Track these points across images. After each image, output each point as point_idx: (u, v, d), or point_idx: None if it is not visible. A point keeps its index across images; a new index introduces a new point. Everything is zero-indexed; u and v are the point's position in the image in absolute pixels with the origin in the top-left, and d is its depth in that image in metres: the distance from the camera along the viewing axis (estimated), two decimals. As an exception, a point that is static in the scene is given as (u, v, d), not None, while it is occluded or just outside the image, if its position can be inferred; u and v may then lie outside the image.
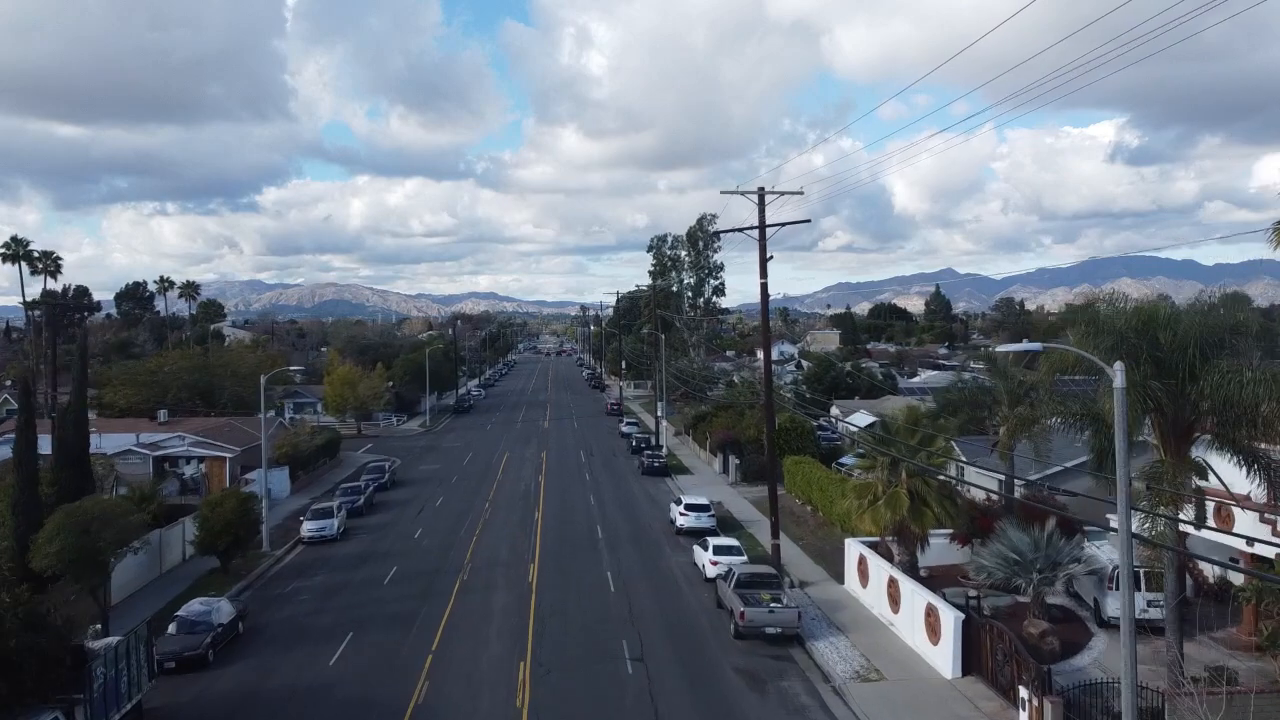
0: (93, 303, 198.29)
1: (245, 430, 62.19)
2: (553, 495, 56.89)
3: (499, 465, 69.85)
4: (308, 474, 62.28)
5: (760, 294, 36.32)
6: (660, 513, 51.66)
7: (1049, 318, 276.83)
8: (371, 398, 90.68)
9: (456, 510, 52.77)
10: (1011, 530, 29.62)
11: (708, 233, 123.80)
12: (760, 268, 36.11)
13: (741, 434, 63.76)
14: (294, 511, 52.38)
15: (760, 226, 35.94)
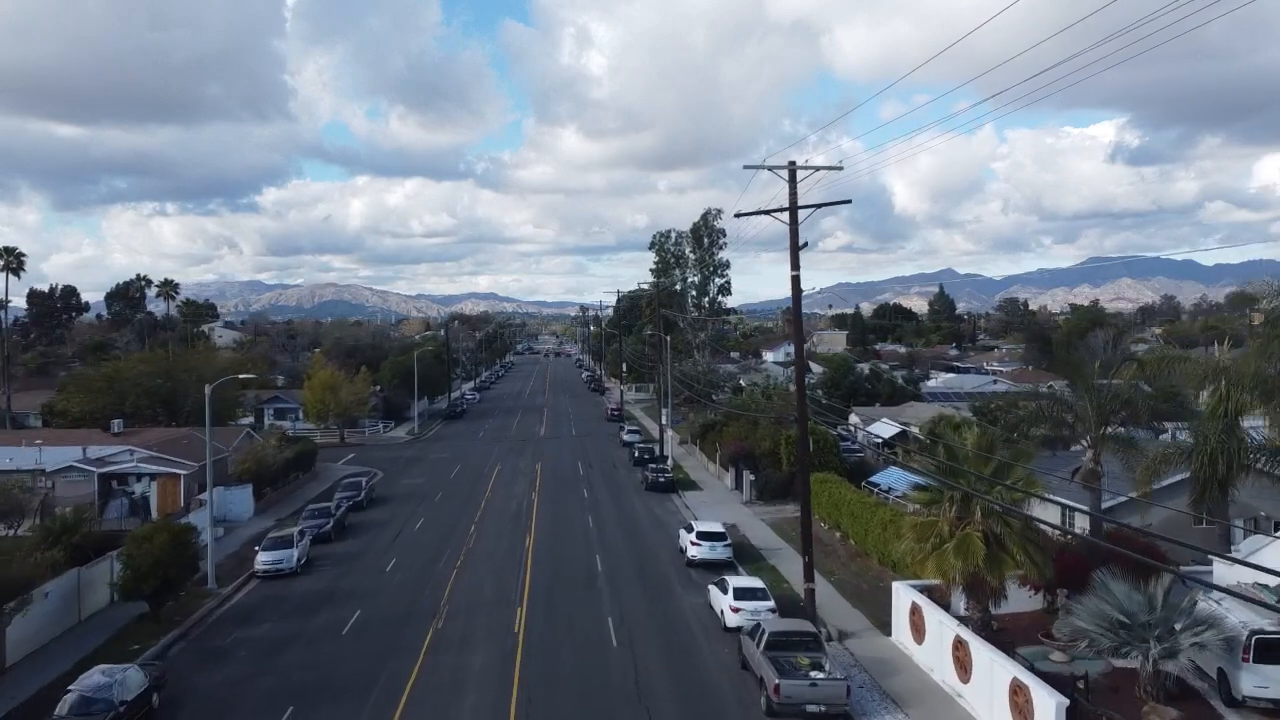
0: (80, 303, 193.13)
1: (203, 441, 56.13)
2: (547, 516, 50.88)
3: (489, 479, 63.82)
4: (276, 490, 56.25)
5: (792, 288, 30.36)
6: (668, 538, 45.70)
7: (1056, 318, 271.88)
8: (355, 403, 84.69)
9: (438, 535, 46.77)
10: (1114, 583, 23.59)
11: (713, 228, 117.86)
12: (791, 257, 30.14)
13: (755, 446, 57.75)
14: (255, 536, 46.42)
15: (792, 209, 29.98)
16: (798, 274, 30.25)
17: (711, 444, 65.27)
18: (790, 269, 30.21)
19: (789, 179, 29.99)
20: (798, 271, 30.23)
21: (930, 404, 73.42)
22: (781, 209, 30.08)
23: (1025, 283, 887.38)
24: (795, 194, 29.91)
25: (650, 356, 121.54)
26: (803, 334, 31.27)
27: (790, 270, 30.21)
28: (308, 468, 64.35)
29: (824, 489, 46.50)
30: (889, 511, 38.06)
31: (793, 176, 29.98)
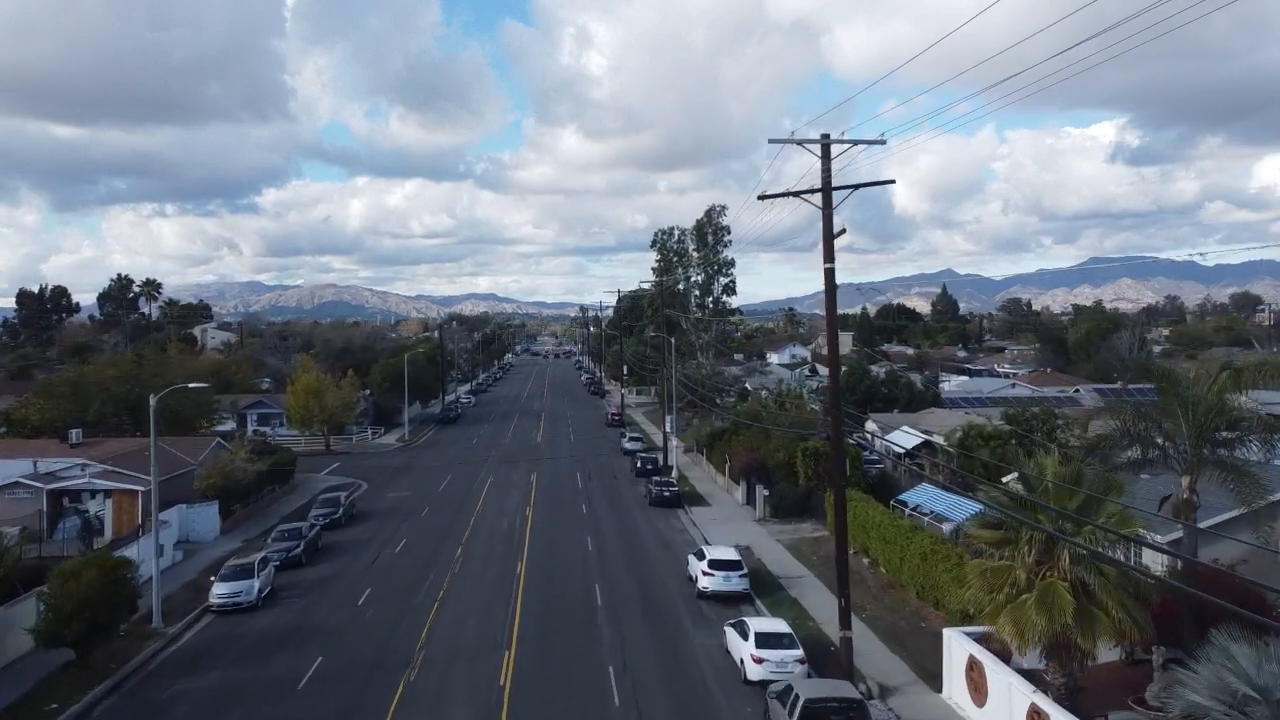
0: (71, 304, 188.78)
1: (173, 454, 51.61)
2: (541, 536, 46.35)
3: (480, 492, 59.28)
4: (248, 506, 51.71)
5: (826, 283, 25.83)
6: (674, 562, 41.19)
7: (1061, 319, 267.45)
8: (342, 409, 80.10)
9: (421, 558, 42.24)
10: (1238, 648, 19.03)
11: (717, 225, 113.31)
12: (825, 247, 25.64)
13: (768, 457, 53.21)
14: (218, 560, 41.90)
15: (825, 189, 25.46)
16: (832, 267, 25.74)
17: (720, 454, 60.73)
18: (824, 260, 25.71)
19: (821, 155, 25.48)
20: (832, 264, 25.73)
21: (952, 410, 68.87)
22: (813, 190, 25.56)
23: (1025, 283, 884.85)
24: (829, 172, 25.39)
25: (652, 359, 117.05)
26: (837, 336, 26.78)
27: (824, 262, 25.71)
28: (285, 480, 59.82)
29: (849, 509, 41.86)
30: (927, 539, 33.53)
31: (826, 152, 25.47)
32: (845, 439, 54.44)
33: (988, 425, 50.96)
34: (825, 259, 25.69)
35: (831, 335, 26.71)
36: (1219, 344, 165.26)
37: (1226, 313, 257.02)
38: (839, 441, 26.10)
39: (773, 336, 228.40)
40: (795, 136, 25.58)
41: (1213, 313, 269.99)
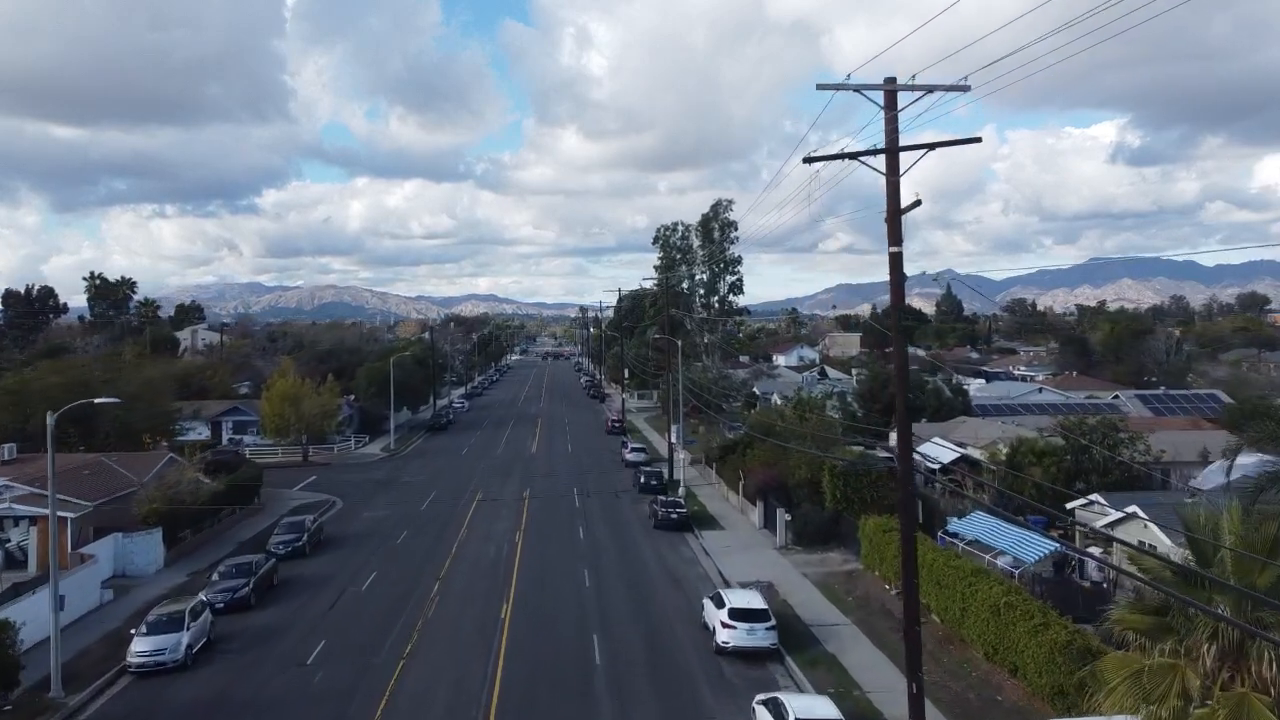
0: (59, 304, 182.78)
1: (118, 472, 45.75)
2: (532, 569, 40.35)
3: (466, 512, 53.29)
4: (201, 532, 45.73)
5: (890, 271, 19.84)
6: (685, 602, 35.28)
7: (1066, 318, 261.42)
8: (321, 417, 74.24)
9: (390, 598, 36.24)
10: None
11: (724, 221, 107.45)
12: (889, 226, 19.72)
13: (789, 475, 47.25)
14: (157, 599, 36.06)
15: (891, 149, 19.52)
16: (899, 250, 19.77)
17: (733, 469, 54.73)
18: (889, 242, 19.75)
19: (885, 105, 19.52)
20: (899, 247, 19.76)
21: (985, 419, 62.84)
22: (873, 150, 19.58)
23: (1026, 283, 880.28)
24: (896, 126, 19.42)
25: (654, 361, 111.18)
26: (905, 342, 20.81)
27: (889, 245, 19.75)
28: (249, 498, 53.84)
29: (889, 540, 35.91)
30: (998, 587, 27.51)
31: (891, 101, 19.50)
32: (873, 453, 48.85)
33: (1039, 440, 44.99)
34: (890, 240, 19.72)
35: (899, 345, 20.71)
36: (1237, 344, 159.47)
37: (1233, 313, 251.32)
38: (907, 473, 20.08)
39: (776, 337, 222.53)
40: (851, 82, 19.58)
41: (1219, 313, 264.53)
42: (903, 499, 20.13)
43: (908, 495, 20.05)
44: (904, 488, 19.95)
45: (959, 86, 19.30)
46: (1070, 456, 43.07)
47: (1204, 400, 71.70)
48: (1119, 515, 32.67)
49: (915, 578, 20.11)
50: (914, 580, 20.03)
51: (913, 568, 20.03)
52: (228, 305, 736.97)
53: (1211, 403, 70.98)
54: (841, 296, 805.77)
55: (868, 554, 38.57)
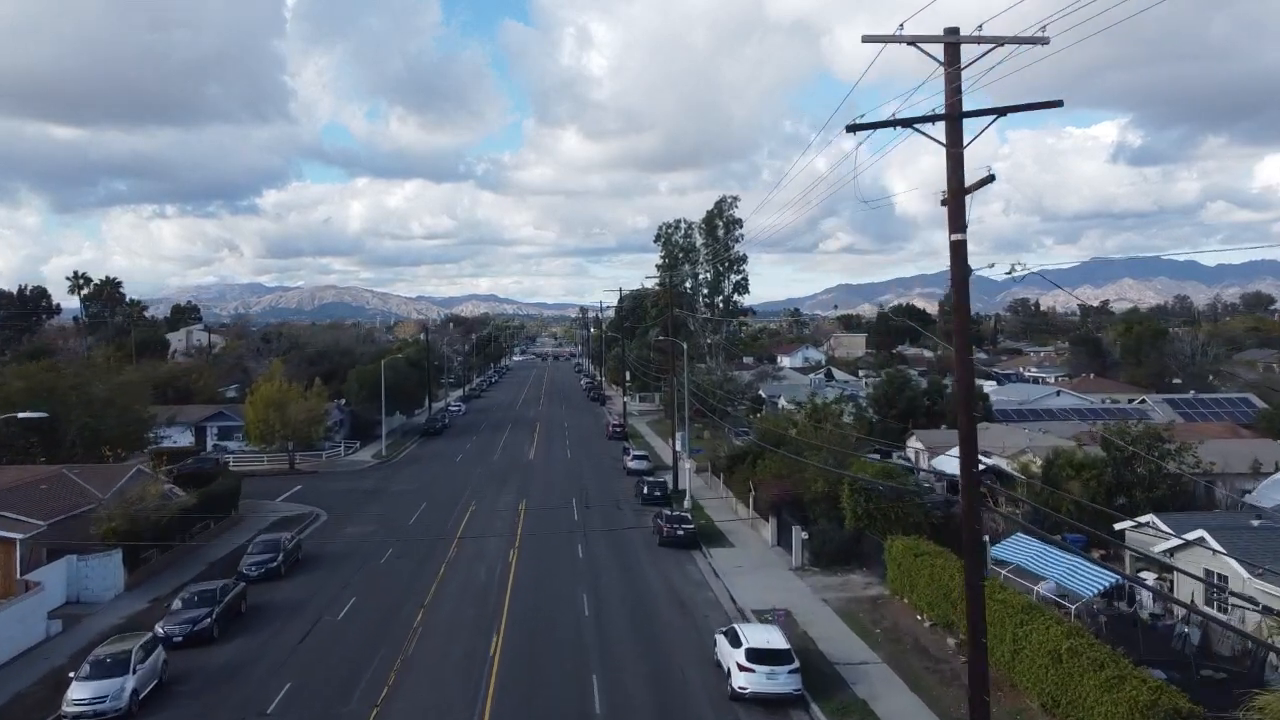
0: (51, 305, 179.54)
1: (80, 486, 42.27)
2: (526, 594, 36.84)
3: (457, 526, 49.83)
4: (168, 551, 42.19)
5: (952, 261, 16.37)
6: (695, 633, 31.87)
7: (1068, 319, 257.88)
8: (307, 422, 70.63)
9: (368, 629, 32.75)
10: None
11: (728, 218, 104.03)
12: (950, 211, 16.28)
13: (805, 489, 43.79)
14: (111, 630, 32.72)
15: (952, 114, 16.04)
16: (962, 238, 16.29)
17: (742, 480, 51.23)
18: (950, 229, 16.29)
19: (945, 60, 16.04)
20: (962, 235, 16.28)
21: (1008, 426, 59.36)
22: (931, 116, 16.10)
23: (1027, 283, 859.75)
24: (958, 87, 15.93)
25: (656, 363, 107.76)
26: (969, 342, 17.24)
27: (950, 232, 16.29)
28: (226, 511, 50.37)
29: (921, 565, 32.46)
30: (1057, 627, 23.95)
31: (953, 56, 16.02)
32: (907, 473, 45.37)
33: (1077, 451, 41.48)
34: (952, 227, 16.26)
35: (962, 351, 17.18)
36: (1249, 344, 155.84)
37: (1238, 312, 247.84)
38: (973, 510, 16.51)
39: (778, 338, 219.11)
40: (903, 32, 16.06)
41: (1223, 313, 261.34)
42: (968, 541, 16.60)
43: (973, 537, 16.53)
44: (969, 527, 16.43)
45: (1036, 39, 15.76)
46: (1111, 469, 39.61)
47: (1236, 404, 68.25)
48: (1180, 541, 29.14)
49: (983, 634, 16.63)
50: (982, 639, 16.56)
51: (980, 623, 16.55)
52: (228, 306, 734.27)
53: (1244, 407, 67.54)
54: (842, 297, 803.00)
55: (895, 578, 35.08)
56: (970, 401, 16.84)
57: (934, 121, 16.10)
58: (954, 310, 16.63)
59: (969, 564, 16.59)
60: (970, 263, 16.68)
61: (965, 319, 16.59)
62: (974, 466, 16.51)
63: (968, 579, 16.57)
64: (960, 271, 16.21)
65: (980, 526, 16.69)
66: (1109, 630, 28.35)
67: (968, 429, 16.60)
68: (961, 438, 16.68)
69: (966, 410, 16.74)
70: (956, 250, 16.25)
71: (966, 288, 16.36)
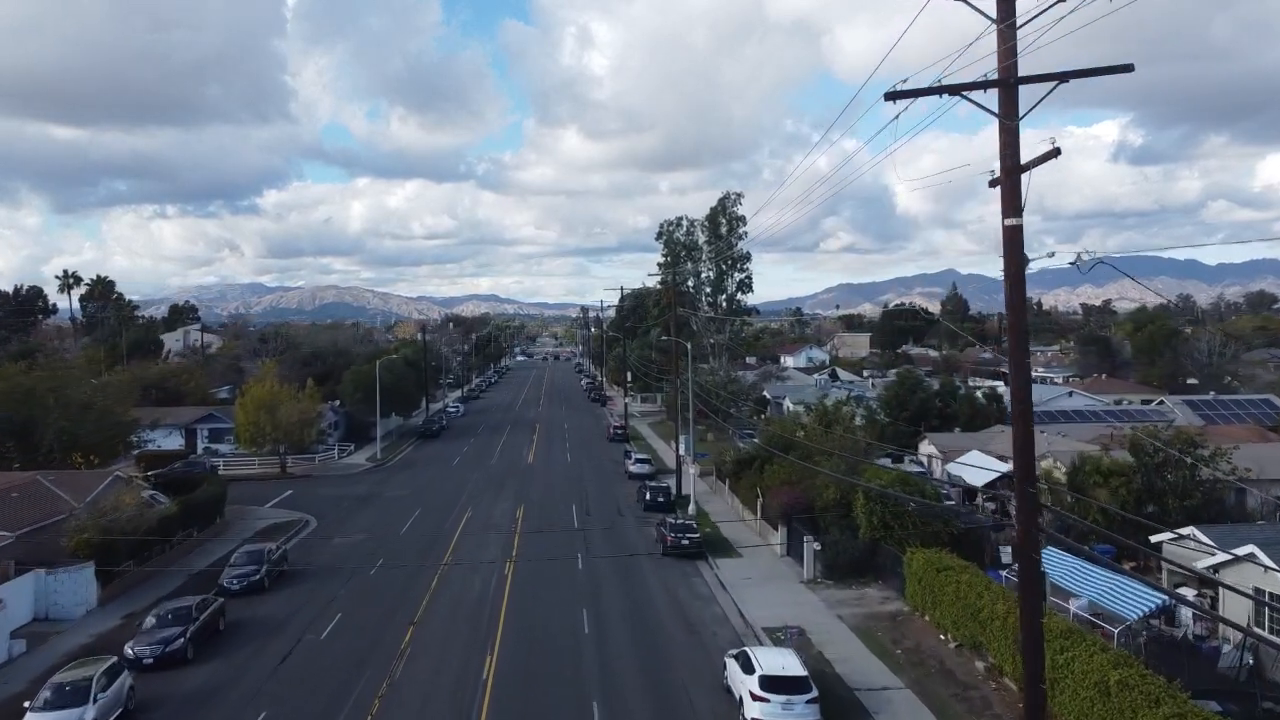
0: (47, 304, 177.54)
1: (54, 494, 40.21)
2: (522, 611, 34.70)
3: (452, 535, 47.72)
4: (146, 563, 40.02)
5: (1005, 247, 14.24)
6: (703, 653, 29.79)
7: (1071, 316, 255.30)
8: (299, 424, 68.52)
9: (352, 650, 30.63)
10: None
11: (731, 215, 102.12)
12: (1004, 189, 14.13)
13: (816, 496, 41.67)
14: (79, 650, 30.69)
15: (1006, 81, 13.93)
16: (1018, 223, 14.17)
17: (749, 486, 49.12)
18: (1003, 213, 14.17)
19: (997, 15, 13.92)
20: (1018, 219, 14.15)
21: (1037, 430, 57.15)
22: (982, 83, 13.98)
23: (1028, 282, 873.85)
24: (1013, 47, 13.81)
25: (658, 363, 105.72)
26: (1026, 334, 15.06)
27: (1004, 216, 14.16)
28: (209, 519, 48.25)
29: (945, 581, 30.32)
30: (1101, 655, 21.82)
31: (1007, 10, 13.88)
32: (924, 479, 43.20)
33: (1103, 457, 39.34)
34: (1006, 208, 14.14)
35: (1017, 352, 15.01)
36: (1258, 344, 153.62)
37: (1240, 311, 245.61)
38: (1031, 537, 14.35)
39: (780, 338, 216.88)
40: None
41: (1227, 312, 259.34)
42: (1024, 574, 14.43)
43: (1031, 568, 14.36)
44: (1025, 559, 14.26)
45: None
46: (1141, 475, 37.47)
47: (1257, 406, 66.10)
48: (1228, 556, 26.99)
49: (1042, 679, 14.49)
50: (1040, 684, 14.41)
51: (1039, 669, 14.40)
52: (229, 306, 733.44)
53: (1266, 408, 65.41)
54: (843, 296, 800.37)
55: (915, 594, 32.95)
56: (1028, 413, 14.67)
57: (985, 88, 13.98)
58: (1008, 308, 14.46)
59: (1027, 600, 14.45)
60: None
61: (1022, 317, 14.45)
62: (1031, 483, 14.35)
63: (1025, 617, 14.43)
64: (1016, 261, 14.08)
65: (1039, 555, 14.53)
66: (1148, 653, 26.24)
67: (1024, 440, 14.47)
68: (1016, 450, 14.54)
69: (1025, 421, 14.60)
70: (1011, 237, 14.12)
71: (1023, 281, 14.25)
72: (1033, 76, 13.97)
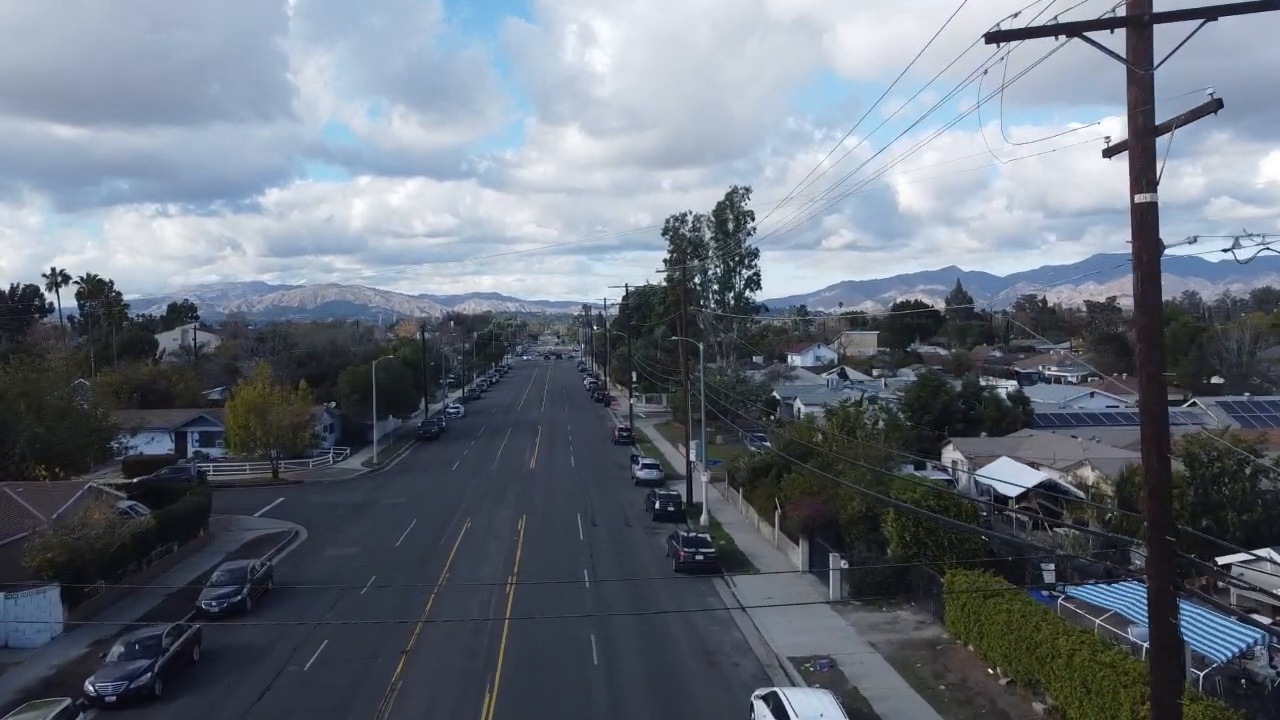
0: (43, 304, 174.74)
1: (22, 507, 37.33)
2: (524, 637, 31.70)
3: (449, 549, 44.83)
4: (120, 581, 37.09)
5: (1133, 229, 11.31)
6: (725, 690, 26.89)
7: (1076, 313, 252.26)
8: (292, 428, 65.70)
9: (336, 686, 27.71)
10: None
11: (739, 210, 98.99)
12: (1132, 156, 11.12)
13: (840, 508, 38.77)
14: (39, 684, 27.90)
15: (1136, 19, 10.92)
16: (1152, 199, 11.22)
17: (766, 496, 46.17)
18: (1132, 188, 11.22)
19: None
20: (1152, 195, 11.21)
21: (1053, 433, 54.25)
22: (1107, 21, 11.02)
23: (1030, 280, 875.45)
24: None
25: (663, 362, 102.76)
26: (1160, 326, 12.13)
27: (1133, 191, 11.22)
28: (192, 531, 45.39)
29: (993, 609, 27.36)
30: (1196, 706, 18.88)
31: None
32: (959, 494, 40.35)
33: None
34: (1135, 182, 11.20)
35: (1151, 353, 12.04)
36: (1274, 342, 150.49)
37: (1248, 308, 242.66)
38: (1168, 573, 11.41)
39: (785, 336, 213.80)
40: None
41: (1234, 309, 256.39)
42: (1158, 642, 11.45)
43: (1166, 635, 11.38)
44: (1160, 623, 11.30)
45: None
46: (1196, 487, 34.54)
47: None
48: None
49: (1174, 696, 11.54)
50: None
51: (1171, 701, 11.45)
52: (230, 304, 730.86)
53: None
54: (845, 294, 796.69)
55: (957, 620, 30.02)
56: (1164, 442, 11.70)
57: (1111, 28, 11.03)
58: (1138, 308, 11.49)
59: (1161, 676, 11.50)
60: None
61: (1157, 319, 11.48)
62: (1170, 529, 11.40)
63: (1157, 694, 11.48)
64: (1150, 248, 11.13)
65: (1177, 620, 11.57)
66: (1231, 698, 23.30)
67: (1159, 478, 11.53)
68: (1151, 493, 11.60)
69: (1159, 452, 11.64)
70: (1143, 216, 11.18)
71: (1158, 273, 11.32)
72: (1172, 13, 11.03)
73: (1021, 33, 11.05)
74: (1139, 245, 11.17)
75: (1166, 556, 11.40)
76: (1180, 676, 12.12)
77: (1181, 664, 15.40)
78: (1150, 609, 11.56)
